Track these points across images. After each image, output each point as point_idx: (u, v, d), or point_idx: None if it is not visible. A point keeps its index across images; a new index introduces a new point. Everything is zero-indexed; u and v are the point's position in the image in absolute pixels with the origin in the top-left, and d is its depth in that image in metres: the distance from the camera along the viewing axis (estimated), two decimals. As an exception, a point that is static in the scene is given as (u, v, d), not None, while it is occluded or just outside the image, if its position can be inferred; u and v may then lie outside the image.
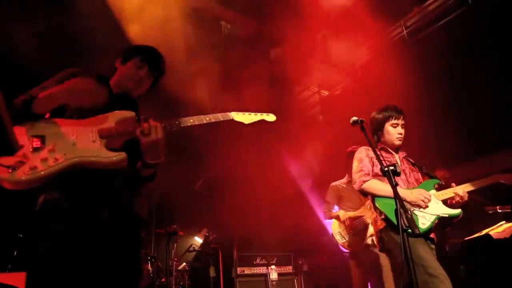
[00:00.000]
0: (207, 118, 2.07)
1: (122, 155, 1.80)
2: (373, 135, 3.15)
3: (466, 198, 2.77)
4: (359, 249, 4.30)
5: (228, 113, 2.15)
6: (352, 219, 4.39)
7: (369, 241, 4.32)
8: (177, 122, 2.00)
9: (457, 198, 2.78)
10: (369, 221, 4.31)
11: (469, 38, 4.95)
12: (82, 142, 1.79)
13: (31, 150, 1.71)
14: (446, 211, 2.74)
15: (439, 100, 5.03)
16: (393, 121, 3.03)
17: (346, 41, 5.44)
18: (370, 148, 3.01)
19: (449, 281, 2.44)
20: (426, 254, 2.56)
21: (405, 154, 3.14)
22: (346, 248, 4.36)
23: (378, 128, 3.12)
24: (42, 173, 1.65)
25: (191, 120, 2.04)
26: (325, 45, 5.78)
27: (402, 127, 3.05)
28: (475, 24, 4.90)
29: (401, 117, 3.05)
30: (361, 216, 4.37)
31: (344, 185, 4.69)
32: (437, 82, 5.07)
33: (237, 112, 2.18)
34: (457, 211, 2.75)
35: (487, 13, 4.81)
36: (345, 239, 4.37)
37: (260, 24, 5.65)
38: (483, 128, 4.80)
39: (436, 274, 2.45)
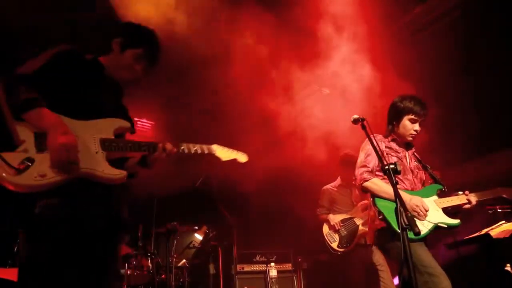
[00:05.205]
0: (195, 149, 2.18)
1: (124, 174, 1.86)
2: (388, 124, 3.05)
3: (474, 205, 2.77)
4: (349, 250, 4.42)
5: (212, 146, 2.25)
6: (343, 220, 4.58)
7: (360, 241, 4.46)
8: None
9: (467, 206, 2.76)
10: (359, 222, 4.52)
11: (470, 37, 4.94)
12: (87, 153, 1.78)
13: (35, 148, 1.68)
14: (445, 220, 2.71)
15: (439, 99, 5.02)
16: (413, 116, 2.88)
17: (347, 39, 5.42)
18: (382, 139, 2.97)
19: (448, 280, 2.45)
20: (424, 254, 2.56)
21: (413, 150, 3.07)
22: (336, 250, 4.51)
23: (395, 117, 2.97)
24: (52, 180, 1.65)
25: (182, 147, 2.15)
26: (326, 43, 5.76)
27: (420, 124, 2.91)
28: (475, 23, 4.89)
29: (423, 115, 2.88)
30: (352, 218, 4.58)
31: (335, 188, 4.89)
32: (437, 81, 5.06)
33: (222, 148, 2.28)
34: (456, 221, 2.72)
35: (486, 12, 4.80)
36: (335, 241, 4.53)
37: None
38: (483, 128, 4.79)
39: (436, 273, 2.45)
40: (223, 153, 2.29)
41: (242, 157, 2.35)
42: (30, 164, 1.62)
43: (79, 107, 1.86)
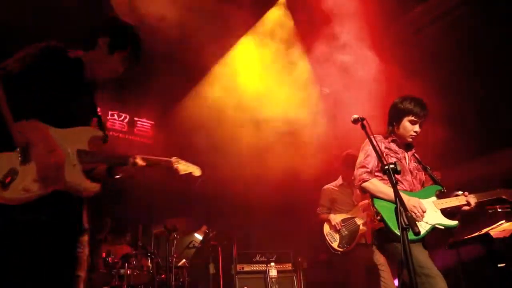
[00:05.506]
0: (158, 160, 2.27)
1: (98, 187, 1.91)
2: (388, 124, 3.04)
3: (473, 207, 2.76)
4: (350, 249, 4.43)
5: (172, 158, 2.32)
6: (344, 220, 4.58)
7: (361, 241, 4.46)
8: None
9: (466, 207, 2.75)
10: (359, 222, 4.52)
11: (470, 37, 4.93)
12: (69, 165, 1.82)
13: (20, 159, 1.70)
14: (443, 222, 2.70)
15: (440, 98, 5.01)
16: (413, 117, 2.87)
17: (348, 39, 5.42)
18: (382, 140, 2.96)
19: (445, 281, 2.44)
20: (421, 254, 2.55)
21: (413, 151, 3.07)
22: (337, 250, 4.51)
23: (395, 118, 2.96)
24: (36, 193, 1.69)
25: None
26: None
27: (420, 126, 2.90)
28: (477, 23, 4.88)
29: (423, 116, 2.88)
30: (353, 218, 4.58)
31: (337, 188, 4.89)
32: (438, 80, 5.06)
33: (180, 161, 2.34)
34: (454, 222, 2.70)
35: (488, 12, 4.80)
36: (336, 240, 4.54)
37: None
38: (483, 128, 4.79)
39: (432, 274, 2.45)
40: (181, 166, 2.34)
41: (196, 171, 2.40)
42: (15, 176, 1.66)
43: (60, 112, 1.86)
